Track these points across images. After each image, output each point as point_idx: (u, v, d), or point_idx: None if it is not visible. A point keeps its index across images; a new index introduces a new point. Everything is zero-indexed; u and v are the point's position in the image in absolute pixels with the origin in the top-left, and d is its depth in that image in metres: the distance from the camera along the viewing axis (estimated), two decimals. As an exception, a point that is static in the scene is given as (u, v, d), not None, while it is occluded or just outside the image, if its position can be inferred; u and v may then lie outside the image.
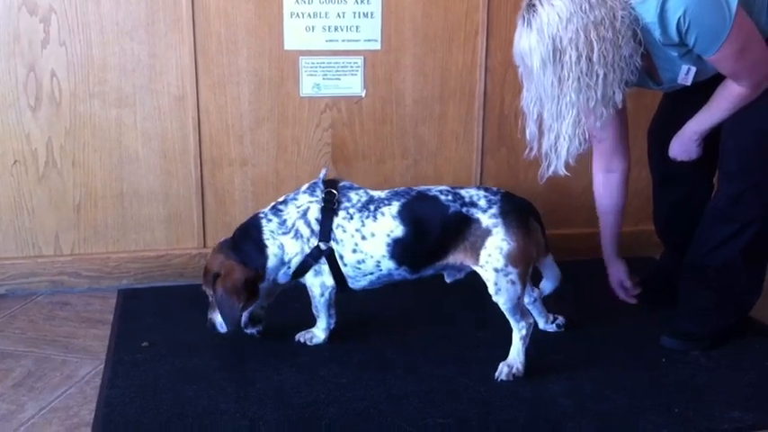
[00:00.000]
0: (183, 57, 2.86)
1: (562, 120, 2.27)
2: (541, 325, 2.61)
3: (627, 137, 2.62)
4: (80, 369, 2.39)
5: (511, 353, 2.35)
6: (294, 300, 2.57)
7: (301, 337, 2.53)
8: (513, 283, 2.28)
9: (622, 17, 2.18)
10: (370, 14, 2.97)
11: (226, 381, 2.29)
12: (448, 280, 2.49)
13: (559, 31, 2.16)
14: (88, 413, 2.14)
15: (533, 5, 2.20)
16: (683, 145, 2.55)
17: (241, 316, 2.42)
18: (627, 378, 2.35)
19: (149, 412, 2.12)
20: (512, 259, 2.27)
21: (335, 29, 2.96)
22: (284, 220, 2.39)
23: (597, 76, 2.20)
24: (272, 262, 2.40)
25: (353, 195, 2.40)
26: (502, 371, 2.32)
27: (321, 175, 2.44)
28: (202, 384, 2.27)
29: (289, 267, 2.41)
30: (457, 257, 2.35)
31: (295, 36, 2.93)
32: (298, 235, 2.38)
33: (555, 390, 2.27)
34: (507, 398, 2.22)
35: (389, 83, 3.05)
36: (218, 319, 2.43)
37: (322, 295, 2.46)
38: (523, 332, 2.33)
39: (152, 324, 2.66)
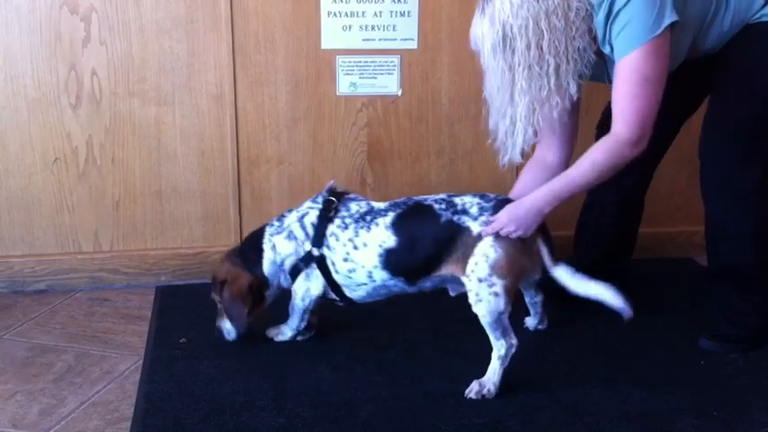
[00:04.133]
0: (221, 56, 2.88)
1: (516, 106, 2.24)
2: (532, 324, 2.62)
3: (569, 131, 2.48)
4: (119, 364, 2.42)
5: (487, 372, 2.23)
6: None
7: (269, 332, 2.54)
8: (496, 294, 2.16)
9: (577, 9, 2.16)
10: (406, 13, 2.97)
11: (263, 378, 2.31)
12: (452, 294, 2.40)
13: (510, 18, 2.14)
14: (128, 408, 2.17)
15: None
16: (519, 218, 2.21)
17: (248, 321, 2.42)
18: (665, 380, 2.33)
19: (188, 408, 2.15)
20: (497, 269, 2.16)
21: (372, 28, 2.97)
22: (282, 223, 2.42)
23: (549, 65, 2.17)
24: (267, 267, 2.42)
25: (353, 206, 2.38)
26: (472, 388, 2.21)
27: (327, 186, 2.45)
28: (240, 381, 2.29)
29: (284, 271, 2.43)
30: (449, 268, 2.25)
31: (332, 35, 2.94)
32: (291, 236, 2.39)
33: (592, 391, 2.26)
34: (545, 399, 2.22)
35: (426, 82, 3.05)
36: (225, 326, 2.47)
37: (302, 300, 2.45)
38: (502, 351, 2.20)
39: (190, 320, 2.68)
